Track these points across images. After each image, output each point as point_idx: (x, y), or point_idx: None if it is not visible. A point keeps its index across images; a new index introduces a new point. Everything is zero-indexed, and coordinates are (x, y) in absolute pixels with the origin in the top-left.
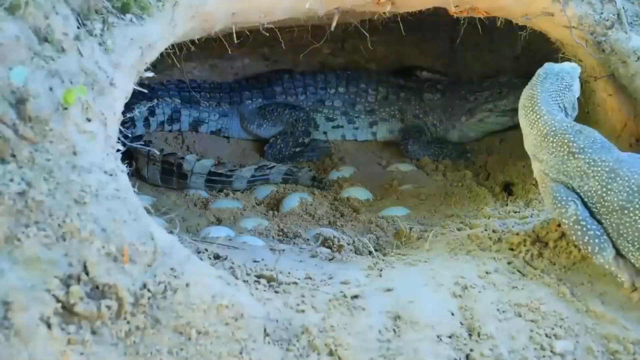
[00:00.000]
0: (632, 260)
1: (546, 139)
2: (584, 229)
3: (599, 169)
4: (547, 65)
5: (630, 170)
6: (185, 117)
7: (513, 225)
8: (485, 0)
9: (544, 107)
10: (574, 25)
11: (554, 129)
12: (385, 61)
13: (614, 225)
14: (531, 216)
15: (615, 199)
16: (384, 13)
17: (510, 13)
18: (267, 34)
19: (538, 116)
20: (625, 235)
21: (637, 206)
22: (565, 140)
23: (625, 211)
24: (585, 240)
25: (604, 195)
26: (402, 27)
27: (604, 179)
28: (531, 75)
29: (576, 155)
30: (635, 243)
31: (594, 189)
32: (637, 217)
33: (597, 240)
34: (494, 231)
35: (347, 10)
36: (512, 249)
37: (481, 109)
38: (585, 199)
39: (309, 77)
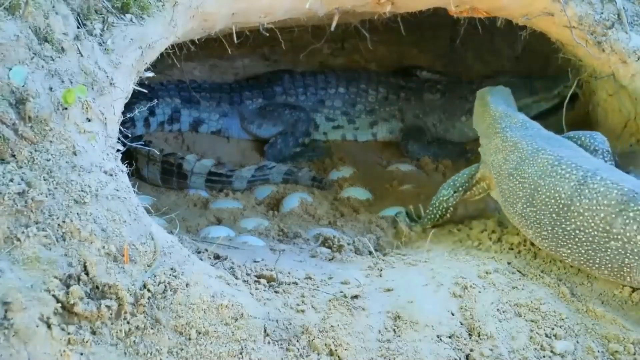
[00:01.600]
0: (513, 222)
1: (488, 128)
2: (440, 209)
3: (506, 144)
4: (483, 89)
5: (528, 143)
6: (185, 117)
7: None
8: (485, 0)
9: (493, 105)
10: (574, 25)
11: (494, 118)
12: (385, 61)
13: (502, 191)
14: None
15: (508, 167)
16: (384, 13)
17: (510, 13)
18: (267, 34)
19: (488, 114)
20: (509, 200)
21: (520, 173)
22: (495, 124)
23: (511, 177)
24: (431, 214)
25: (503, 165)
26: (402, 27)
27: (507, 152)
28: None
29: (497, 135)
30: (514, 205)
31: (498, 161)
32: (517, 183)
33: (432, 218)
34: (493, 231)
35: (347, 11)
36: (512, 249)
37: None
38: (493, 171)
39: (309, 77)
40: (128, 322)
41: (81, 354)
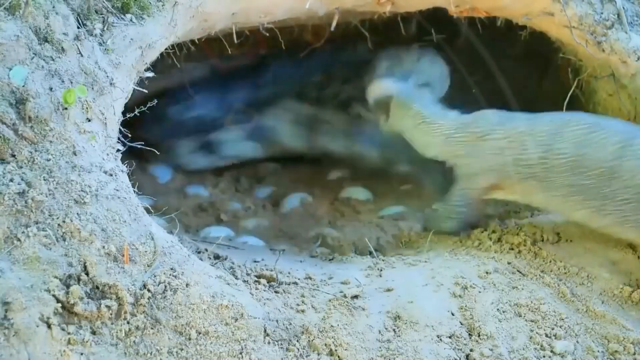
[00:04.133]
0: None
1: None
2: None
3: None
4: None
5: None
6: None
7: (513, 225)
8: (485, 0)
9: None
10: (574, 25)
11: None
12: None
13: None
14: (531, 216)
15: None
16: (384, 13)
17: (511, 13)
18: (267, 34)
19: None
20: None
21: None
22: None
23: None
24: None
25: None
26: (402, 27)
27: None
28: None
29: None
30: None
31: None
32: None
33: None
34: (493, 231)
35: (347, 10)
36: (512, 249)
37: None
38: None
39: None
40: (128, 322)
41: (81, 354)
